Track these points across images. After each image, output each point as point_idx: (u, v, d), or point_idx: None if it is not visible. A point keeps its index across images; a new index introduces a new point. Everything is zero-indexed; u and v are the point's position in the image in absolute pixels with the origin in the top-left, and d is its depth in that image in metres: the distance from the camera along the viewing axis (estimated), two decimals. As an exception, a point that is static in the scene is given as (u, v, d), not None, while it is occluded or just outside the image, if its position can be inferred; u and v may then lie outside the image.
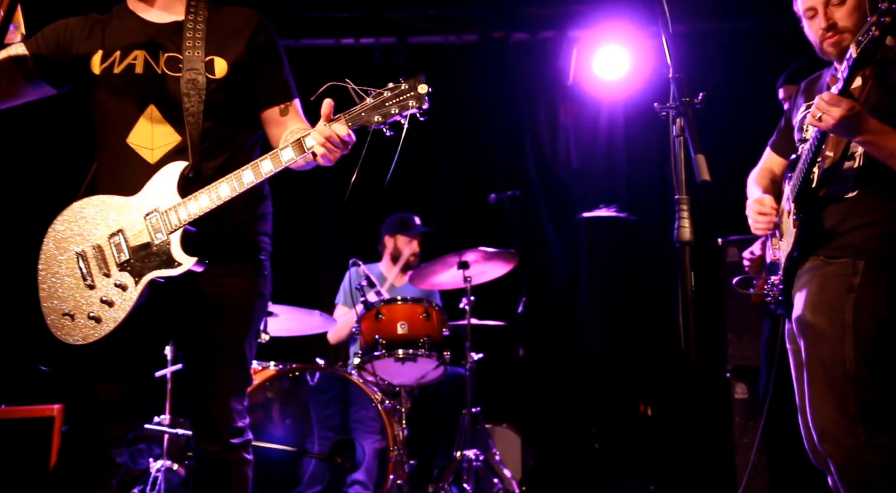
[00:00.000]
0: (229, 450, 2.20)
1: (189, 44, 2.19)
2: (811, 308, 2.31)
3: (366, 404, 3.64)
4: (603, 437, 4.91)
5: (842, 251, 2.30)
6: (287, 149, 2.09)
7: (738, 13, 5.19)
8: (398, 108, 2.07)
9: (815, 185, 2.36)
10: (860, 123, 2.15)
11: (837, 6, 2.32)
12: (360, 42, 5.46)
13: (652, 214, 5.30)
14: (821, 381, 2.27)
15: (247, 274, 2.25)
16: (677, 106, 1.86)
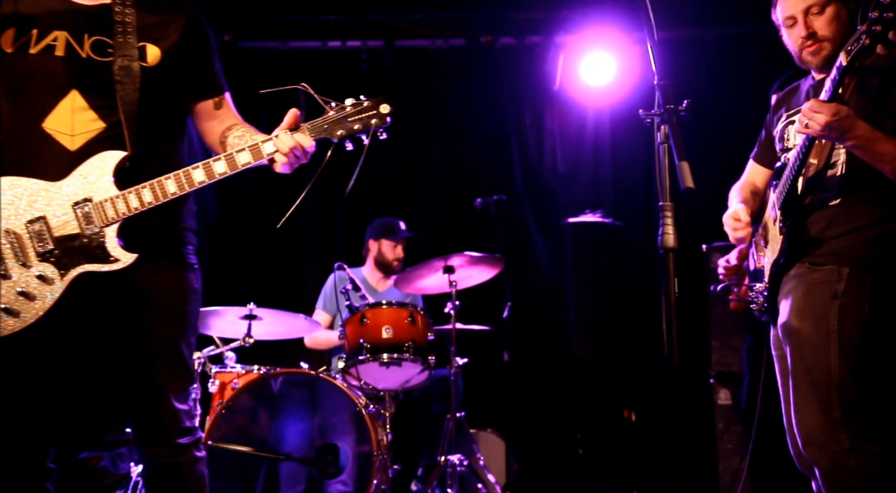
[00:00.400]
0: (179, 452, 2.11)
1: (119, 29, 2.09)
2: (796, 314, 2.32)
3: (346, 409, 3.62)
4: (587, 442, 4.90)
5: (827, 258, 2.31)
6: (244, 152, 2.06)
7: (723, 20, 5.22)
8: (361, 124, 2.10)
9: (801, 192, 2.37)
10: (849, 126, 2.17)
11: (817, 15, 2.35)
12: (346, 45, 5.45)
13: (637, 220, 5.31)
14: (806, 387, 2.28)
15: (176, 270, 2.17)
16: (662, 113, 1.86)
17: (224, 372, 3.70)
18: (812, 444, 2.25)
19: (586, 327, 5.01)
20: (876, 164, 2.23)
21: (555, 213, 5.42)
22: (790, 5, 2.39)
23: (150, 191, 2.03)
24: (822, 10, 2.34)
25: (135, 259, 2.01)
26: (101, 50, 2.09)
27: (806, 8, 2.35)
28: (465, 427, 4.23)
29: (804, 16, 2.36)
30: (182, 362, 2.16)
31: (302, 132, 2.07)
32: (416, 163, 5.63)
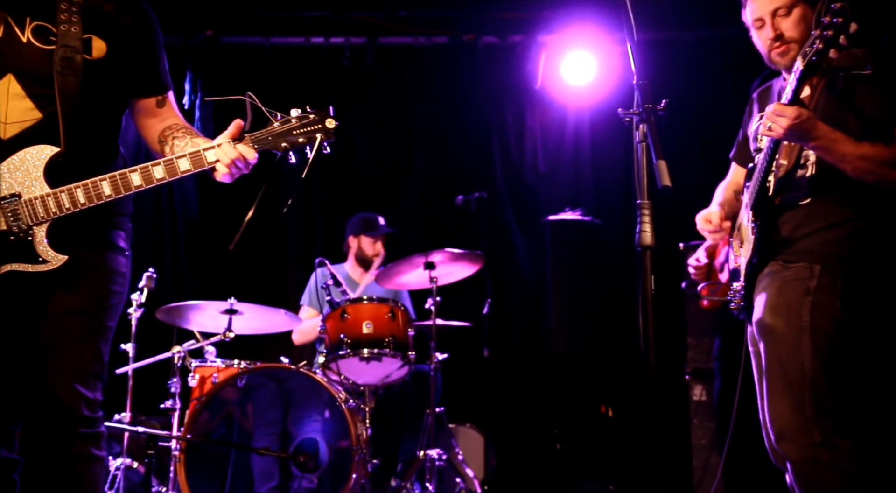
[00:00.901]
0: (71, 442, 1.94)
1: (64, 17, 1.98)
2: (770, 311, 2.34)
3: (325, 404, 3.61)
4: (565, 437, 4.92)
5: (799, 256, 2.33)
6: (184, 159, 1.98)
7: (702, 23, 5.25)
8: (305, 138, 2.03)
9: (772, 193, 2.40)
10: (809, 129, 2.20)
11: (784, 17, 2.38)
12: (329, 41, 5.42)
13: (616, 218, 5.33)
14: (779, 382, 2.30)
15: (101, 248, 2.05)
16: (640, 112, 1.87)
17: (204, 366, 3.68)
18: (785, 438, 2.27)
19: (565, 324, 5.03)
20: (837, 164, 2.26)
21: (535, 210, 5.43)
22: (758, 7, 2.42)
23: (84, 192, 1.94)
24: (788, 12, 2.37)
25: (65, 261, 1.92)
26: (44, 36, 1.98)
27: (773, 10, 2.38)
28: (445, 422, 4.23)
29: (772, 18, 2.39)
30: (92, 342, 2.01)
31: (245, 143, 2.00)
32: (399, 160, 5.62)
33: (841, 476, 2.20)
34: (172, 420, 3.59)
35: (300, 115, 2.04)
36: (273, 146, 2.02)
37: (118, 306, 2.10)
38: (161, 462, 3.58)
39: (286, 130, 2.03)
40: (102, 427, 2.03)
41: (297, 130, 2.03)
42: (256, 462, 3.58)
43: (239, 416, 3.67)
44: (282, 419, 3.63)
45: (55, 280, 1.96)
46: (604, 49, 5.25)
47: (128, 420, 3.71)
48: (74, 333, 1.99)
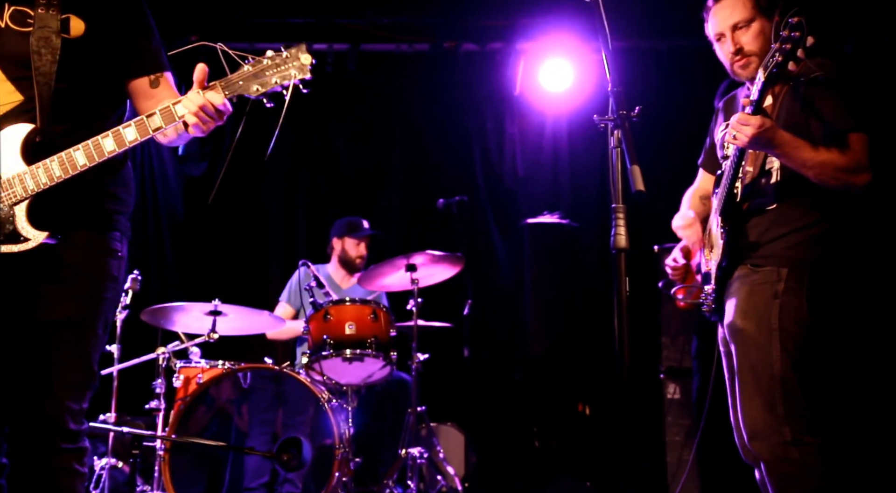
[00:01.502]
0: (55, 456, 1.86)
1: (43, 1, 1.94)
2: (740, 314, 2.37)
3: (306, 404, 3.61)
4: (543, 435, 4.95)
5: (767, 260, 2.37)
6: (155, 116, 1.88)
7: (675, 32, 5.30)
8: (279, 77, 1.86)
9: (739, 199, 2.44)
10: (772, 137, 2.24)
11: (743, 31, 2.43)
12: (313, 47, 5.42)
13: (593, 221, 5.37)
14: (750, 383, 2.33)
15: (95, 252, 1.97)
16: (615, 118, 1.89)
17: (189, 367, 3.66)
18: (757, 437, 2.30)
19: (543, 325, 5.05)
20: (800, 170, 2.31)
21: (514, 214, 5.46)
22: (718, 22, 2.47)
23: (59, 164, 1.87)
24: (748, 26, 2.42)
25: (47, 236, 1.85)
26: (21, 20, 1.94)
27: (733, 25, 2.43)
28: (426, 421, 4.24)
29: (732, 32, 2.44)
30: (82, 353, 1.93)
31: (214, 90, 1.87)
32: (381, 164, 5.63)
33: (811, 473, 2.23)
34: (157, 420, 3.58)
35: (272, 54, 1.88)
36: (244, 90, 1.87)
37: (109, 313, 2.03)
38: (146, 462, 3.56)
39: (258, 71, 1.87)
40: (86, 442, 1.95)
41: (271, 71, 1.87)
42: (250, 459, 3.57)
43: (222, 416, 3.65)
44: (275, 420, 3.63)
45: (45, 275, 1.90)
46: (581, 57, 5.28)
47: (113, 421, 3.69)
48: (64, 344, 1.91)
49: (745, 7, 2.43)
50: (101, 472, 3.57)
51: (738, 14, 2.42)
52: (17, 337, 1.91)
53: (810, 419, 2.26)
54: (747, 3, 2.43)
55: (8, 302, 1.92)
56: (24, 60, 1.91)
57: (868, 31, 4.64)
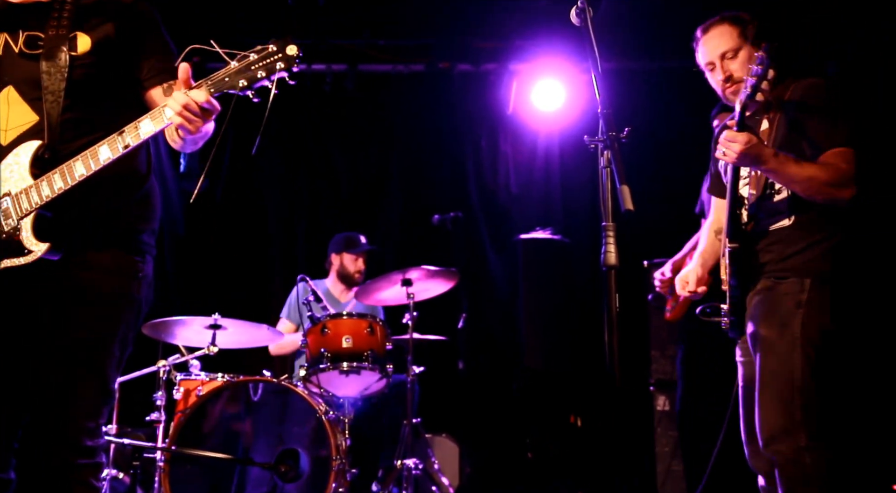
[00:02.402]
0: (72, 470, 1.85)
1: (54, 23, 1.96)
2: (764, 324, 2.40)
3: (305, 416, 3.59)
4: (536, 446, 4.94)
5: (789, 272, 2.40)
6: (145, 120, 1.85)
7: (665, 54, 5.34)
8: (265, 71, 1.80)
9: (745, 220, 2.48)
10: (759, 153, 2.29)
11: (731, 60, 2.51)
12: (312, 68, 5.44)
13: (584, 238, 5.39)
14: (771, 389, 2.35)
15: (116, 272, 1.94)
16: (605, 139, 1.91)
17: (189, 380, 3.65)
18: (773, 442, 2.32)
19: (536, 338, 5.06)
20: (788, 185, 2.37)
21: (508, 229, 5.47)
22: (707, 52, 2.56)
23: (60, 175, 1.85)
24: (735, 54, 2.50)
25: (48, 249, 1.82)
26: (33, 43, 1.97)
27: (721, 54, 2.52)
28: (421, 432, 4.22)
29: (721, 61, 2.52)
30: (99, 373, 1.91)
31: (200, 88, 1.82)
32: (378, 180, 5.64)
33: (823, 478, 2.25)
34: (158, 432, 3.56)
35: (259, 48, 1.83)
36: (231, 86, 1.82)
37: (130, 333, 2.01)
38: (146, 473, 3.54)
39: (244, 66, 1.81)
40: (102, 457, 1.94)
41: (257, 65, 1.81)
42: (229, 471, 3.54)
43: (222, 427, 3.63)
44: (280, 432, 3.61)
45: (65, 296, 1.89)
46: (572, 77, 5.32)
47: (114, 432, 3.67)
48: (81, 365, 1.89)
49: (732, 37, 2.51)
50: (102, 483, 3.54)
51: (725, 44, 2.51)
52: (36, 356, 1.89)
53: (828, 426, 2.29)
54: (733, 34, 2.52)
55: (28, 321, 1.91)
56: (37, 82, 1.93)
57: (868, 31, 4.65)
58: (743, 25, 2.52)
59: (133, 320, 2.00)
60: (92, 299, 1.91)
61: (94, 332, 1.91)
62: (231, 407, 3.65)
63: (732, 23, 2.53)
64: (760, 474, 2.46)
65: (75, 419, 1.87)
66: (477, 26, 5.29)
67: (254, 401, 3.68)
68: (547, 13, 4.91)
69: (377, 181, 5.63)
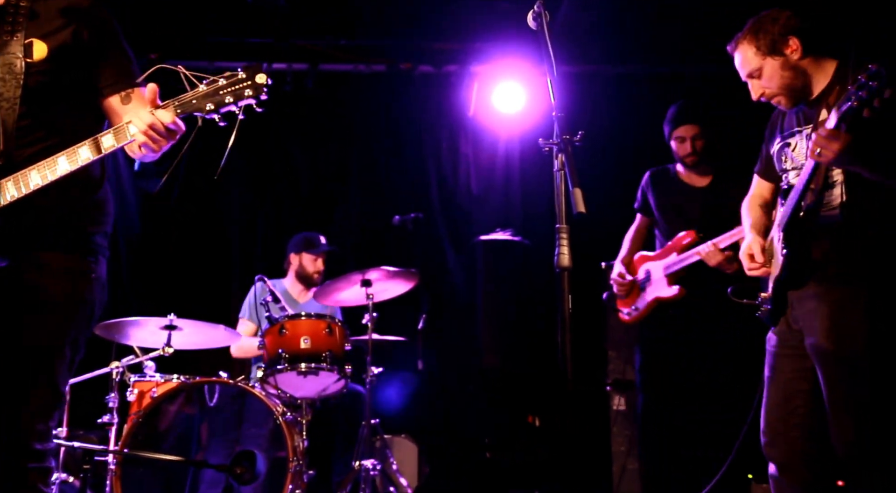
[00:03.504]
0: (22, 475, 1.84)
1: (8, 28, 1.93)
2: (824, 335, 2.35)
3: (263, 418, 3.55)
4: (494, 446, 4.95)
5: (846, 279, 2.36)
6: (108, 135, 1.86)
7: (623, 59, 5.41)
8: (233, 96, 1.83)
9: (803, 215, 2.41)
10: (858, 151, 2.23)
11: (757, 78, 2.49)
12: (272, 67, 5.39)
13: (543, 239, 5.40)
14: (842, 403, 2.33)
15: (67, 274, 1.93)
16: (559, 143, 1.92)
17: (143, 381, 3.58)
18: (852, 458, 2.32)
19: (495, 338, 5.08)
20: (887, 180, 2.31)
21: (468, 230, 5.49)
22: (741, 71, 2.54)
23: (14, 184, 1.84)
24: (760, 73, 2.47)
25: None
26: None
27: (748, 74, 2.51)
28: (380, 433, 4.21)
29: (750, 80, 2.52)
30: (50, 378, 1.89)
31: (166, 108, 1.84)
32: (338, 180, 5.61)
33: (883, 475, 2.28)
34: (110, 435, 3.49)
35: (228, 74, 1.86)
36: (198, 108, 1.84)
37: (81, 336, 1.99)
38: (98, 477, 3.47)
39: (213, 90, 1.84)
40: (51, 461, 1.93)
41: (225, 90, 1.83)
42: (183, 474, 3.49)
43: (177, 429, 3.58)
44: (210, 433, 3.56)
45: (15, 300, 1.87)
46: (533, 80, 5.35)
47: (64, 435, 3.59)
48: (32, 371, 1.87)
49: (752, 58, 2.47)
50: (50, 489, 3.46)
51: (748, 66, 2.49)
52: None
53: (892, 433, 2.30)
54: (750, 52, 2.47)
55: None
56: None
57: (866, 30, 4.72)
58: (757, 39, 2.45)
59: (84, 322, 1.99)
60: (43, 301, 1.89)
61: (45, 334, 1.89)
62: (186, 409, 3.60)
63: (749, 40, 2.47)
64: (775, 463, 2.48)
65: (25, 423, 1.85)
66: (438, 28, 5.29)
67: (209, 403, 3.63)
68: (508, 16, 4.93)
69: (337, 181, 5.60)
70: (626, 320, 3.90)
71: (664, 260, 3.74)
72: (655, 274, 3.75)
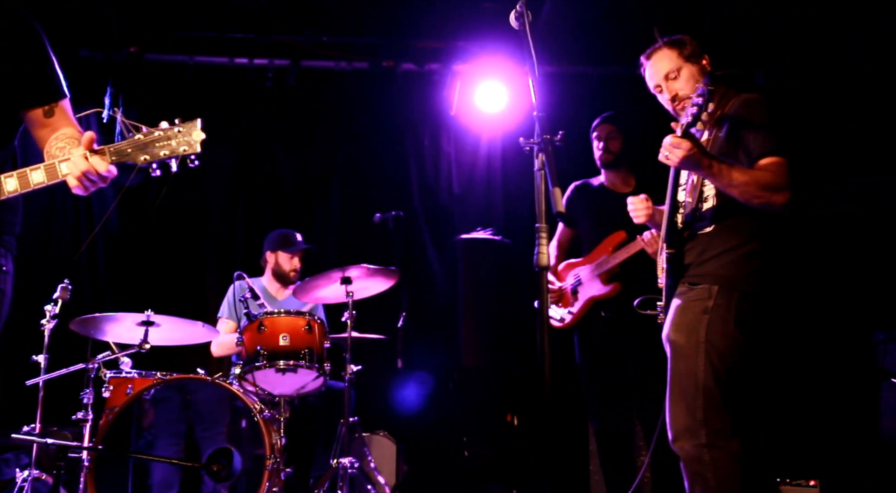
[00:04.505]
0: None
1: None
2: (673, 327, 2.56)
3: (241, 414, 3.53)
4: (473, 445, 4.96)
5: (701, 278, 2.56)
6: (38, 171, 1.90)
7: (604, 60, 5.43)
8: (168, 150, 1.87)
9: (681, 226, 2.65)
10: (700, 158, 2.43)
11: (675, 80, 2.67)
12: (253, 62, 5.36)
13: (524, 238, 5.42)
14: (677, 390, 2.50)
15: None
16: (539, 142, 1.94)
17: (119, 378, 3.55)
18: (678, 439, 2.48)
19: (475, 337, 5.08)
20: (727, 189, 2.49)
21: (449, 229, 5.49)
22: (653, 75, 2.73)
23: None
24: (678, 75, 2.67)
25: None
26: None
27: (665, 75, 2.69)
28: (358, 431, 4.20)
29: (665, 82, 2.69)
30: None
31: (101, 155, 1.87)
32: (319, 178, 5.59)
33: (719, 474, 2.39)
34: (84, 431, 3.45)
35: (167, 127, 1.88)
36: (132, 158, 1.87)
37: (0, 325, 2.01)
38: (72, 473, 3.43)
39: (149, 141, 1.87)
40: None
41: (161, 143, 1.87)
42: (157, 472, 3.46)
43: (153, 426, 3.55)
44: (187, 431, 3.52)
45: None
46: (515, 80, 5.36)
47: (37, 431, 3.54)
48: None
49: (672, 59, 2.68)
50: (23, 484, 3.42)
51: (667, 66, 2.68)
52: None
53: (728, 425, 2.42)
54: (672, 55, 2.68)
55: None
56: None
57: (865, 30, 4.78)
58: (681, 47, 2.68)
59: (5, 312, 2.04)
60: None
61: None
62: (162, 406, 3.57)
63: (671, 46, 2.69)
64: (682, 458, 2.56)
65: None
66: (421, 26, 5.29)
67: (187, 399, 3.61)
68: (491, 15, 4.94)
69: (318, 178, 5.58)
70: (557, 327, 3.96)
71: (595, 262, 3.82)
72: (586, 276, 3.82)
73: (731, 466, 2.39)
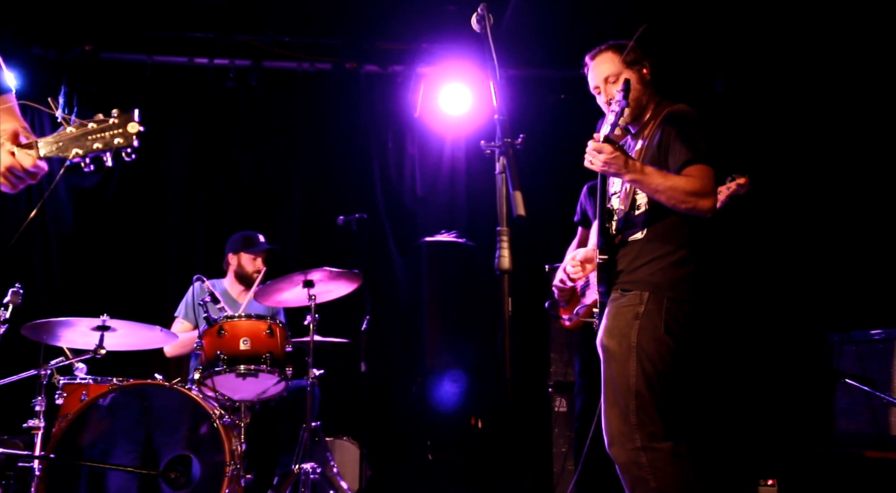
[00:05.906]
0: None
1: None
2: (606, 333, 2.58)
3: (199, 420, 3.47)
4: (436, 448, 4.95)
5: (633, 285, 2.58)
6: None
7: (567, 63, 5.47)
8: (102, 143, 1.78)
9: (613, 232, 2.68)
10: (623, 163, 2.48)
11: (613, 84, 2.70)
12: (214, 62, 5.29)
13: (488, 241, 5.37)
14: (611, 395, 2.52)
15: None
16: (500, 145, 1.94)
17: (73, 384, 3.47)
18: (614, 444, 2.49)
19: (439, 340, 5.07)
20: (653, 195, 2.54)
21: (412, 232, 5.48)
22: (593, 78, 2.77)
23: None
24: (616, 79, 2.69)
25: None
26: None
27: (604, 78, 2.73)
28: (321, 436, 4.16)
29: (604, 85, 2.73)
30: None
31: (28, 149, 1.79)
32: (281, 180, 5.53)
33: (658, 475, 2.41)
34: (36, 440, 3.36)
35: (101, 118, 1.80)
36: (62, 152, 1.78)
37: None
38: (22, 484, 3.34)
39: (81, 134, 1.78)
40: None
41: (94, 135, 1.78)
42: (113, 480, 3.38)
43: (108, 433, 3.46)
44: (145, 438, 3.45)
45: None
46: (478, 82, 5.38)
47: (-12, 441, 3.45)
48: None
49: (613, 63, 2.71)
50: None
51: (607, 70, 2.71)
52: None
53: (662, 427, 2.44)
54: (615, 60, 2.71)
55: None
56: None
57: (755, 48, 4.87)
58: (623, 52, 2.71)
59: None
60: None
61: None
62: (118, 412, 3.49)
63: (615, 50, 2.72)
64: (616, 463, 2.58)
65: None
66: (385, 28, 5.28)
67: (143, 405, 3.53)
68: (455, 18, 4.95)
69: (280, 180, 5.52)
70: (567, 325, 3.97)
71: None
72: (592, 277, 3.80)
73: (670, 467, 2.41)
